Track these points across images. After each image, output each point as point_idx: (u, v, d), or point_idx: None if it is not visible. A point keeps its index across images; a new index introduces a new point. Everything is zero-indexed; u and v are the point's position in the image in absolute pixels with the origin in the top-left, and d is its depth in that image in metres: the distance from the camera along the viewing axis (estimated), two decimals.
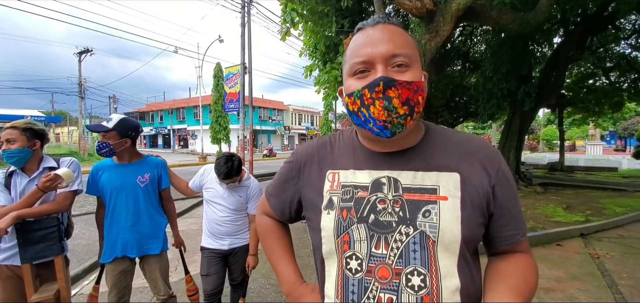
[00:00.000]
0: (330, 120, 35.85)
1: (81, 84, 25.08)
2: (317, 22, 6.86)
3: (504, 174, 0.72)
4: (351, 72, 0.69)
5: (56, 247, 1.77)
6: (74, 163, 1.92)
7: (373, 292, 0.67)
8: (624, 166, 16.87)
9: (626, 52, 10.43)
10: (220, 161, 2.13)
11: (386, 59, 0.65)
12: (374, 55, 0.66)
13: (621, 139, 37.84)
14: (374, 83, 0.64)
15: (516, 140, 9.44)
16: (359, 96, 0.66)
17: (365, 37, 0.69)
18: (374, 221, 0.69)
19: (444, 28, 4.51)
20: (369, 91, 0.65)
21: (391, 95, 0.63)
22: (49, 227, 1.75)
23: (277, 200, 0.92)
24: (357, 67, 0.68)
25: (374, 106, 0.64)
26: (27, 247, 1.69)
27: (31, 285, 1.71)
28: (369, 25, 0.71)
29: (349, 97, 0.69)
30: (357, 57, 0.68)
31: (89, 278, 3.63)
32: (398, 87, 0.63)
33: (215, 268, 2.27)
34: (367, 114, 0.66)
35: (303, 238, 4.92)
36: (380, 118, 0.64)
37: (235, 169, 2.12)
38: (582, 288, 3.22)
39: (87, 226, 5.46)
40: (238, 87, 12.36)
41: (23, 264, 1.69)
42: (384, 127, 0.65)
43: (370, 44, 0.67)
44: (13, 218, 1.62)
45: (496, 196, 0.70)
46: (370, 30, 0.70)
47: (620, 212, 6.20)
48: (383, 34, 0.68)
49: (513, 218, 0.72)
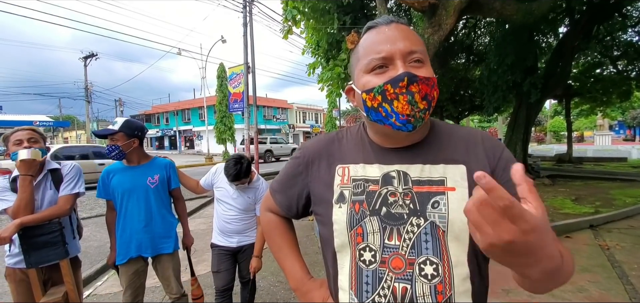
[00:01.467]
0: (334, 118, 35.82)
1: (87, 88, 25.37)
2: (318, 19, 6.86)
3: (507, 161, 0.73)
4: (368, 69, 0.71)
5: (60, 250, 1.80)
6: (75, 167, 1.97)
7: (387, 282, 0.69)
8: (633, 156, 16.60)
9: (634, 40, 10.24)
10: (230, 163, 2.17)
11: (405, 55, 0.68)
12: (394, 52, 0.68)
13: (630, 128, 37.23)
14: (398, 78, 0.66)
15: (523, 133, 9.35)
16: (381, 92, 0.68)
17: (381, 34, 0.71)
18: (386, 213, 0.72)
19: (447, 21, 4.48)
20: (392, 86, 0.66)
21: (413, 90, 0.66)
22: (51, 232, 1.78)
23: (284, 196, 0.92)
24: (376, 63, 0.69)
25: (398, 101, 0.66)
26: (31, 253, 1.72)
27: (38, 288, 1.75)
28: (382, 24, 0.73)
29: (368, 93, 0.70)
30: (375, 53, 0.69)
31: (102, 279, 3.69)
32: (419, 83, 0.66)
33: (225, 266, 2.32)
34: (389, 109, 0.68)
35: (310, 236, 4.94)
36: (404, 112, 0.66)
37: (244, 171, 2.16)
38: (592, 280, 3.20)
39: (98, 228, 5.55)
40: (242, 87, 12.41)
41: (29, 268, 1.73)
42: (407, 121, 0.67)
43: (389, 41, 0.69)
44: (16, 226, 1.66)
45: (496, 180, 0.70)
46: (385, 28, 0.72)
47: (630, 202, 6.12)
48: (399, 31, 0.70)
49: None
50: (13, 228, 1.65)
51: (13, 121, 21.42)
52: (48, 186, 1.86)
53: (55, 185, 1.88)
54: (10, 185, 1.82)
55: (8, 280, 1.84)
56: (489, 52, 9.49)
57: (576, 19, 8.86)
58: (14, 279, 1.83)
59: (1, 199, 1.77)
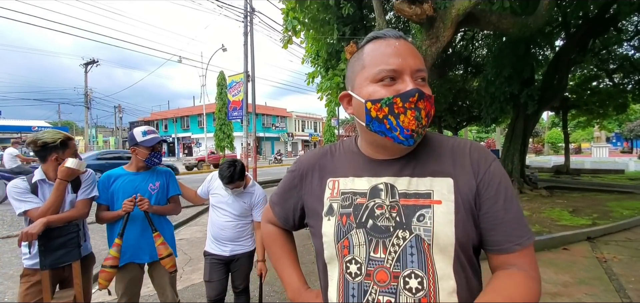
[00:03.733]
0: (333, 127, 35.91)
1: (87, 94, 25.42)
2: (318, 29, 6.94)
3: (493, 175, 0.71)
4: (376, 79, 0.70)
5: (75, 252, 1.84)
6: (91, 173, 2.03)
7: (372, 295, 0.69)
8: (630, 168, 16.64)
9: (629, 53, 10.39)
10: (224, 166, 2.19)
11: (414, 72, 0.69)
12: (404, 67, 0.69)
13: (627, 140, 37.45)
14: (409, 93, 0.67)
15: (520, 144, 9.39)
16: (389, 104, 0.68)
17: (391, 47, 0.71)
18: (372, 226, 0.72)
19: (444, 33, 4.53)
20: (402, 101, 0.67)
21: (420, 106, 0.68)
22: (69, 233, 1.82)
23: (281, 208, 0.95)
24: (386, 74, 0.69)
25: (405, 115, 0.67)
26: (47, 254, 1.74)
27: (48, 290, 1.75)
28: (391, 37, 0.73)
29: (374, 103, 0.70)
30: (385, 65, 0.70)
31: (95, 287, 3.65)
32: (425, 100, 0.68)
33: (217, 275, 2.31)
34: (395, 122, 0.68)
35: (307, 245, 4.92)
36: (409, 127, 0.67)
37: (237, 173, 2.16)
38: (589, 293, 3.18)
39: (92, 234, 5.49)
40: (241, 95, 12.47)
41: (42, 270, 1.73)
42: (410, 136, 0.68)
43: (399, 55, 0.69)
44: (43, 224, 1.68)
45: (480, 196, 0.70)
46: (395, 42, 0.72)
47: (627, 214, 6.12)
48: (408, 47, 0.72)
49: (503, 223, 0.69)
50: (40, 226, 1.67)
51: (12, 126, 21.35)
52: (68, 190, 1.90)
53: (73, 189, 1.93)
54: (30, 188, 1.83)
55: (23, 281, 1.83)
56: (487, 64, 9.59)
57: (572, 33, 8.98)
58: (29, 280, 1.82)
59: (23, 200, 1.77)
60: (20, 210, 1.76)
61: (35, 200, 1.79)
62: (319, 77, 7.50)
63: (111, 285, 2.00)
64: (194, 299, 3.29)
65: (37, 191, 1.83)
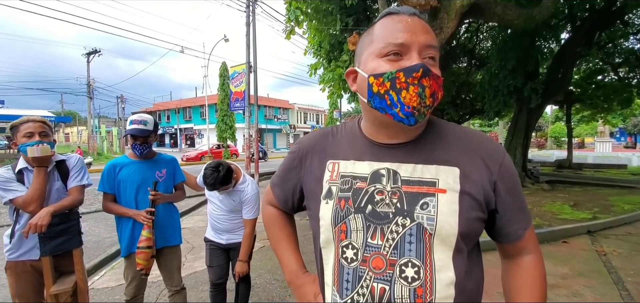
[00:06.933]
0: (335, 119, 35.85)
1: (90, 84, 25.43)
2: (321, 20, 6.89)
3: (507, 170, 0.71)
4: (382, 53, 0.68)
5: (75, 239, 1.85)
6: (79, 160, 2.02)
7: (366, 281, 0.68)
8: (633, 163, 16.55)
9: (635, 47, 10.26)
10: (207, 171, 2.11)
11: (422, 48, 0.66)
12: (412, 41, 0.66)
13: (631, 135, 37.18)
14: (412, 68, 0.64)
15: (523, 138, 9.36)
16: (391, 78, 0.65)
17: (402, 23, 0.68)
18: (371, 212, 0.70)
19: (448, 25, 4.50)
20: (405, 75, 0.64)
21: (425, 83, 0.64)
22: (70, 221, 1.83)
23: (281, 190, 0.93)
24: (392, 48, 0.67)
25: (407, 91, 0.64)
26: (47, 241, 1.75)
27: (50, 277, 1.77)
28: (404, 13, 0.70)
29: (376, 78, 0.67)
30: (393, 39, 0.67)
31: (100, 273, 3.72)
32: (431, 78, 0.65)
33: (217, 261, 2.37)
34: (396, 98, 0.65)
35: (308, 235, 4.96)
36: (411, 104, 0.64)
37: (220, 180, 2.08)
38: (587, 285, 3.21)
39: (96, 223, 5.58)
40: (243, 86, 12.43)
41: (43, 257, 1.75)
42: (411, 113, 0.65)
43: (409, 31, 0.67)
44: (50, 214, 1.69)
45: (499, 193, 0.70)
46: (407, 18, 0.69)
47: (628, 209, 6.12)
48: (420, 24, 0.69)
49: (517, 213, 0.73)
50: (48, 216, 1.68)
51: (15, 115, 21.36)
52: (55, 177, 1.89)
53: (61, 177, 1.91)
54: (16, 176, 1.83)
55: (8, 274, 1.85)
56: (491, 57, 9.49)
57: (578, 26, 8.87)
58: (15, 272, 1.83)
59: (8, 189, 1.77)
60: (5, 199, 1.76)
61: (21, 188, 1.78)
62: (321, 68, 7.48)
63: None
64: (196, 286, 3.34)
65: (23, 179, 1.82)
